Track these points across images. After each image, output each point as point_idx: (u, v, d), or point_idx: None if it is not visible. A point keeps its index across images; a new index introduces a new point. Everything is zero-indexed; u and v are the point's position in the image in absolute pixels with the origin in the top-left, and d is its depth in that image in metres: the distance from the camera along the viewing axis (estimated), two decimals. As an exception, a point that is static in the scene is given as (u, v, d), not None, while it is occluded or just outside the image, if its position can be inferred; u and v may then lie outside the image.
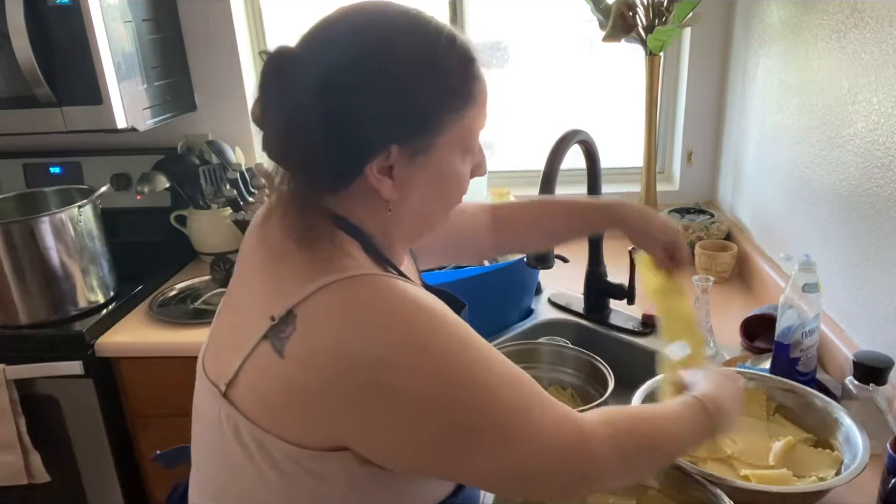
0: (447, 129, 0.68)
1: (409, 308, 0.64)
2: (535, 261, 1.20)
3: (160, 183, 1.79)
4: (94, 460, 1.56)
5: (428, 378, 0.62)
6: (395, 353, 0.61)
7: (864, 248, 1.13)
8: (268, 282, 0.70)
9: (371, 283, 0.65)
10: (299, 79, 0.64)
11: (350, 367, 0.61)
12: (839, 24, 1.18)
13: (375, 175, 0.67)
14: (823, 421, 0.97)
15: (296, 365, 0.63)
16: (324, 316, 0.63)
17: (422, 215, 0.74)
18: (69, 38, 1.44)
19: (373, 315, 0.63)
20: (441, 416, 0.63)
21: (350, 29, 0.67)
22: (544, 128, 2.08)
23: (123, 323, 1.56)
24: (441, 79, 0.67)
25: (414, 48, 0.66)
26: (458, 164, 0.72)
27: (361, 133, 0.65)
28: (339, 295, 0.64)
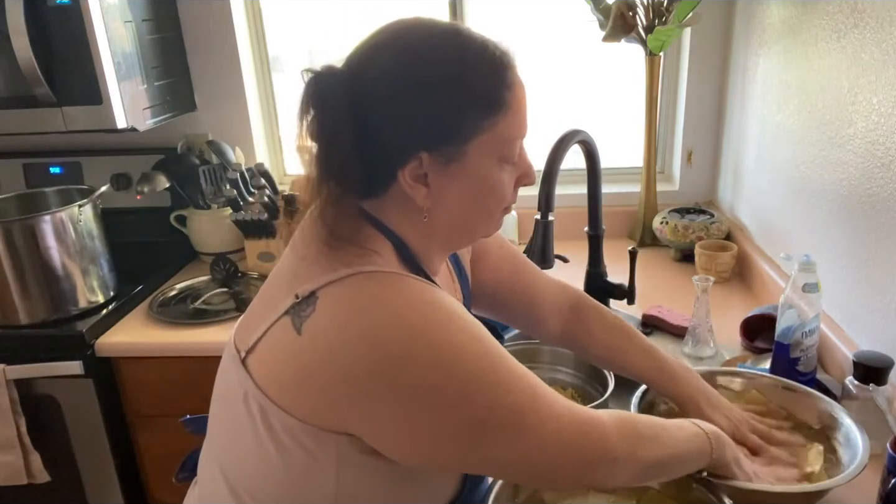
0: (477, 137, 0.70)
1: (424, 305, 0.66)
2: (535, 261, 1.20)
3: (160, 183, 1.79)
4: (94, 460, 1.56)
5: (438, 373, 0.64)
6: (406, 347, 0.63)
7: (864, 248, 1.13)
8: (299, 262, 0.73)
9: (392, 280, 0.68)
10: (336, 93, 0.68)
11: (361, 357, 0.63)
12: (839, 24, 1.18)
13: (409, 182, 0.69)
14: (823, 421, 0.97)
15: (310, 345, 0.66)
16: (342, 303, 0.66)
17: (460, 223, 0.75)
18: (69, 38, 1.44)
19: (388, 309, 0.65)
20: (450, 411, 0.64)
21: (383, 43, 0.70)
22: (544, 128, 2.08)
23: (123, 323, 1.56)
24: (468, 87, 0.69)
25: (441, 58, 0.68)
26: (495, 172, 0.73)
27: (391, 140, 0.68)
28: (360, 286, 0.67)
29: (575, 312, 1.05)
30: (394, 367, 0.63)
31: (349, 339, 0.64)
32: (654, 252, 1.82)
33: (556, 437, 0.68)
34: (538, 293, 1.04)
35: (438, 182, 0.70)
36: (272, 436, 0.68)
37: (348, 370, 0.64)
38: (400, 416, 0.65)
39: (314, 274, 0.68)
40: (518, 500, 0.86)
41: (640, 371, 1.00)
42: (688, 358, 1.28)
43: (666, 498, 0.87)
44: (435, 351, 0.64)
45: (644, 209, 1.86)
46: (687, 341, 1.31)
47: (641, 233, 1.87)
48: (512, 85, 0.72)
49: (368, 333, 0.64)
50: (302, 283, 0.68)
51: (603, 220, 1.40)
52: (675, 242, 1.74)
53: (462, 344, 0.66)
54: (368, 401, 0.64)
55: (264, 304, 0.74)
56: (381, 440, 0.67)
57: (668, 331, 1.38)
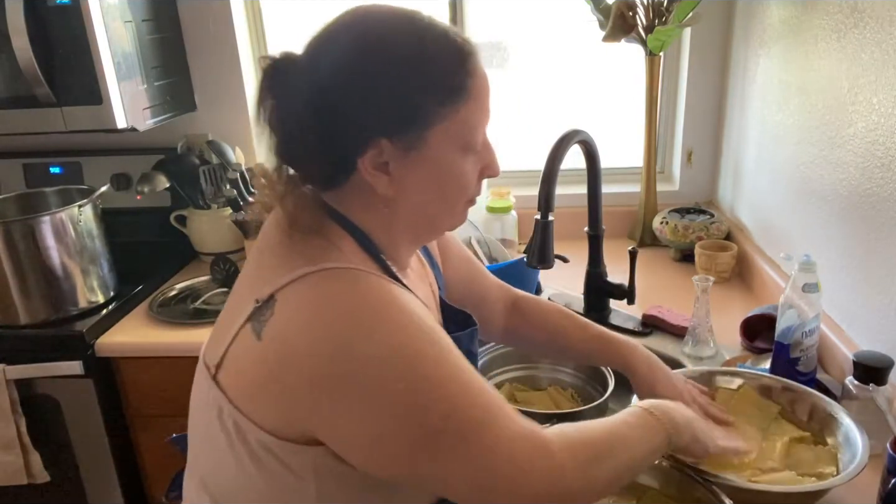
0: (438, 124, 0.68)
1: (383, 305, 0.65)
2: (535, 261, 1.20)
3: (160, 183, 1.79)
4: (94, 460, 1.56)
5: (395, 375, 0.62)
6: (363, 347, 0.62)
7: (864, 248, 1.13)
8: (260, 268, 0.72)
9: (350, 277, 0.66)
10: (294, 80, 0.67)
11: (319, 358, 0.62)
12: (839, 24, 1.18)
13: (369, 170, 0.68)
14: (823, 421, 0.97)
15: (270, 348, 0.65)
16: (299, 303, 0.65)
17: (423, 214, 0.74)
18: (69, 38, 1.43)
19: (346, 308, 0.64)
20: (406, 416, 0.63)
21: (341, 29, 0.69)
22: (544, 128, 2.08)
23: (123, 323, 1.56)
24: (428, 73, 0.67)
25: (399, 42, 0.67)
26: (458, 160, 0.72)
27: (349, 127, 0.67)
28: (317, 285, 0.66)
29: (515, 306, 1.08)
30: (351, 368, 0.62)
31: (307, 340, 0.63)
32: (654, 252, 1.82)
33: (507, 459, 0.65)
34: (487, 293, 1.06)
35: (400, 171, 0.69)
36: (249, 451, 0.68)
37: (307, 371, 0.63)
38: (357, 418, 0.63)
39: (273, 275, 0.67)
40: None
41: (582, 347, 1.03)
42: (688, 358, 1.28)
43: (666, 498, 0.87)
44: (392, 352, 0.62)
45: (644, 209, 1.86)
46: (687, 341, 1.31)
47: (641, 233, 1.87)
48: (473, 72, 0.70)
49: (325, 334, 0.63)
50: (261, 287, 0.67)
51: (603, 220, 1.40)
52: (675, 242, 1.74)
53: (421, 349, 0.64)
54: (328, 402, 0.63)
55: (229, 313, 0.73)
56: (342, 445, 0.66)
57: (668, 331, 1.38)
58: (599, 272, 1.43)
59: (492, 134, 0.76)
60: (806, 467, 0.91)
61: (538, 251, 1.19)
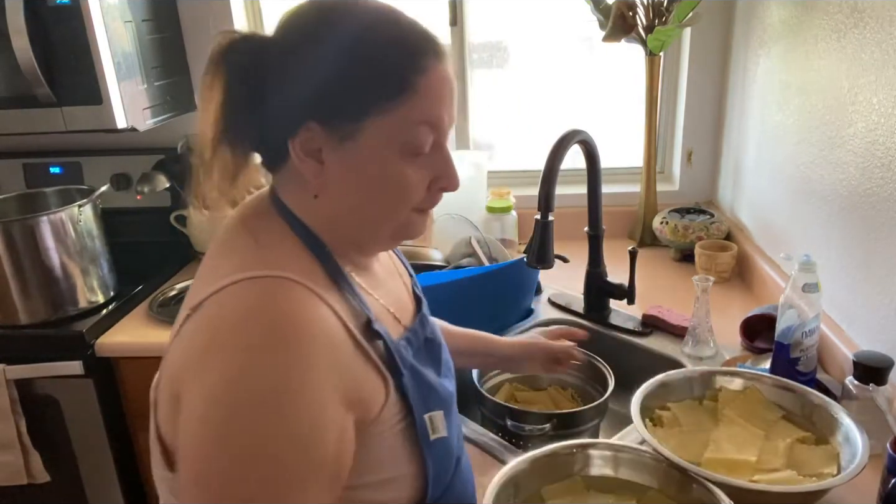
0: (375, 117, 0.64)
1: (276, 336, 0.59)
2: (535, 261, 1.20)
3: (160, 183, 1.79)
4: (94, 460, 1.56)
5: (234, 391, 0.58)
6: (221, 356, 0.59)
7: (864, 248, 1.13)
8: (210, 264, 0.70)
9: (262, 291, 0.62)
10: (237, 54, 0.66)
11: (187, 364, 0.62)
12: (839, 24, 1.18)
13: (300, 154, 0.66)
14: (823, 421, 0.97)
15: (176, 347, 0.66)
16: (202, 322, 0.63)
17: (356, 214, 0.70)
18: (69, 38, 1.43)
19: (230, 325, 0.61)
20: (209, 443, 0.58)
21: (298, 13, 0.68)
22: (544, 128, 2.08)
23: (123, 323, 1.56)
24: (371, 61, 0.64)
25: (348, 27, 0.64)
26: (396, 162, 0.66)
27: (282, 105, 0.65)
28: (229, 299, 0.62)
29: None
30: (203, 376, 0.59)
31: (186, 349, 0.63)
32: (654, 252, 1.82)
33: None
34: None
35: (333, 161, 0.66)
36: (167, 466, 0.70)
37: (177, 376, 0.63)
38: (190, 423, 0.59)
39: (207, 282, 0.65)
40: (517, 500, 0.86)
41: (465, 344, 1.12)
42: (688, 358, 1.28)
43: (666, 498, 0.87)
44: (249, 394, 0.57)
45: (644, 209, 1.86)
46: (687, 341, 1.31)
47: (641, 233, 1.87)
48: (426, 71, 0.65)
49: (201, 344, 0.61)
50: (198, 294, 0.65)
51: (603, 220, 1.40)
52: (675, 242, 1.74)
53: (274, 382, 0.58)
54: (180, 405, 0.62)
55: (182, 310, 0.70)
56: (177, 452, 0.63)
57: (668, 331, 1.38)
58: (599, 272, 1.43)
59: (450, 145, 0.72)
60: (806, 467, 0.91)
61: (538, 251, 1.19)
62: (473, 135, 2.06)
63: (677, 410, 1.02)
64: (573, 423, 1.11)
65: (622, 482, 0.90)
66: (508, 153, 2.13)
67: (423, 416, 0.72)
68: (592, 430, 1.15)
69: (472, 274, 1.35)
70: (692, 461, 0.88)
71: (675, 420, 1.01)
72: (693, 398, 1.05)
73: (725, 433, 0.97)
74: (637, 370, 1.20)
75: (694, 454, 0.93)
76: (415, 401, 0.71)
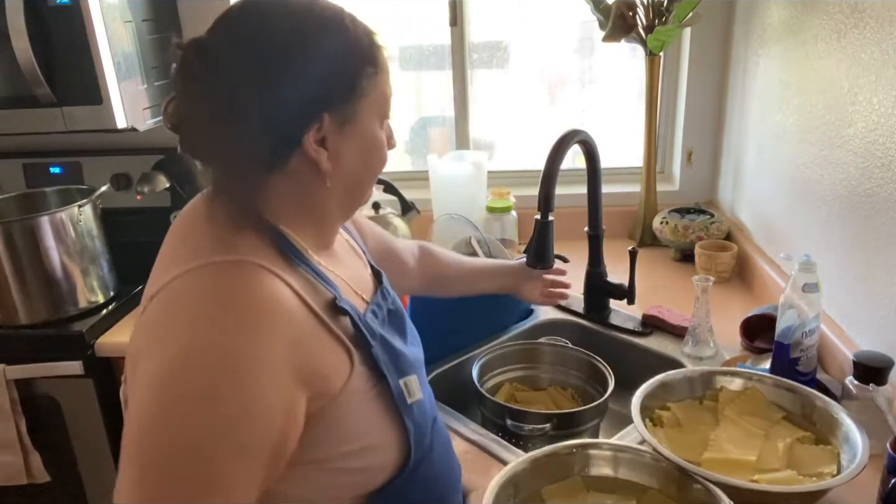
0: (366, 96, 0.71)
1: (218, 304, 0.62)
2: (534, 260, 1.20)
3: (160, 183, 1.79)
4: (94, 460, 1.56)
5: (182, 373, 0.59)
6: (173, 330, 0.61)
7: (863, 248, 1.13)
8: (169, 255, 0.74)
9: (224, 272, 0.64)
10: (220, 65, 0.66)
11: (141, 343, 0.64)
12: (839, 24, 1.18)
13: (312, 146, 0.69)
14: (823, 421, 0.97)
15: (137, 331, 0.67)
16: (165, 301, 0.65)
17: (355, 185, 0.76)
18: (69, 38, 1.43)
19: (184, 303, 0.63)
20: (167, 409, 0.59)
21: (260, 12, 0.69)
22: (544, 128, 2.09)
23: (123, 323, 1.56)
24: (356, 47, 0.70)
25: (327, 22, 0.69)
26: (377, 131, 0.75)
27: (295, 103, 0.67)
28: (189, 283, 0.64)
29: (422, 252, 1.21)
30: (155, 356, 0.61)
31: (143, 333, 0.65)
32: (654, 252, 1.82)
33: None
34: (399, 252, 1.15)
35: (335, 144, 0.70)
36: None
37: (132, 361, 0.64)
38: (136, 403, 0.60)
39: (166, 270, 0.68)
40: (517, 500, 0.86)
41: (480, 270, 1.27)
42: (688, 358, 1.28)
43: (666, 498, 0.87)
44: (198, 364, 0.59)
45: (644, 209, 1.86)
46: (687, 341, 1.31)
47: (641, 233, 1.87)
48: (382, 48, 0.74)
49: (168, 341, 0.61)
50: (157, 282, 0.68)
51: (603, 220, 1.40)
52: (675, 242, 1.74)
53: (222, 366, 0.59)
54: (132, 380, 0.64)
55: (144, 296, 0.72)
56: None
57: (668, 331, 1.38)
58: (599, 272, 1.43)
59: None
60: (806, 467, 0.91)
61: (538, 251, 1.19)
62: (473, 135, 2.06)
63: (677, 410, 1.02)
64: (573, 423, 1.11)
65: (622, 482, 0.90)
66: (508, 153, 2.13)
67: (398, 381, 0.76)
68: (592, 430, 1.15)
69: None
70: (692, 461, 0.88)
71: (675, 420, 1.01)
72: (693, 398, 1.05)
73: (725, 433, 0.97)
74: (637, 370, 1.20)
75: (694, 454, 0.93)
76: (387, 368, 0.74)
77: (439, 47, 1.99)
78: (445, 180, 1.81)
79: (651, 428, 0.98)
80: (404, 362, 0.79)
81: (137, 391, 0.61)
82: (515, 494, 0.86)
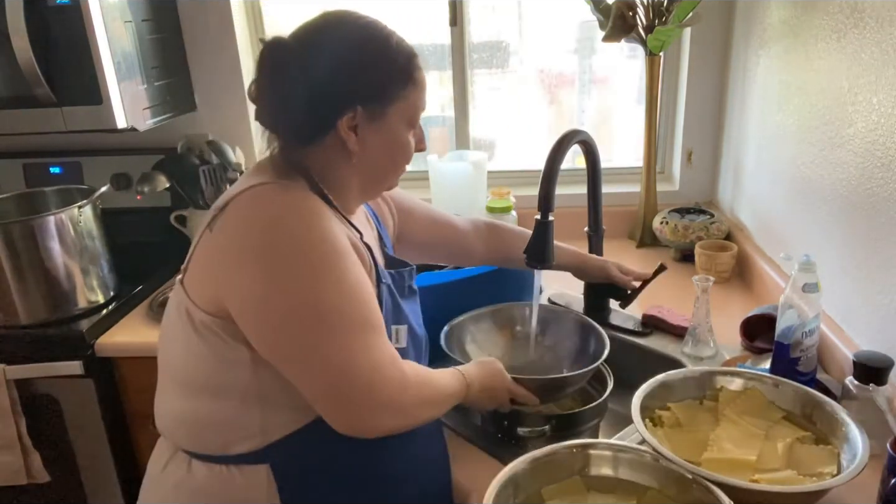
0: (397, 102, 0.90)
1: (304, 210, 0.82)
2: (534, 260, 1.20)
3: (160, 183, 1.79)
4: (94, 460, 1.56)
5: (301, 259, 0.79)
6: (275, 233, 0.79)
7: (863, 248, 1.13)
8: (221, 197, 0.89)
9: (286, 190, 0.83)
10: (290, 59, 0.85)
11: (247, 229, 0.80)
12: (839, 24, 1.18)
13: (345, 129, 0.88)
14: (823, 421, 0.97)
15: (214, 236, 0.83)
16: (242, 202, 0.82)
17: (376, 171, 0.95)
18: (69, 38, 1.44)
19: (281, 202, 0.81)
20: (295, 291, 0.78)
21: (327, 25, 0.90)
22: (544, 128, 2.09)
23: (123, 323, 1.56)
24: (393, 62, 0.90)
25: (371, 39, 0.89)
26: (404, 132, 0.93)
27: (336, 95, 0.87)
28: (260, 191, 0.82)
29: (489, 230, 1.32)
30: (267, 240, 0.79)
31: (238, 224, 0.81)
32: (654, 252, 1.82)
33: (370, 367, 0.80)
34: (459, 230, 1.29)
35: (365, 133, 0.89)
36: (194, 329, 0.84)
37: (235, 241, 0.81)
38: (251, 279, 0.79)
39: (230, 192, 0.85)
40: (517, 500, 0.86)
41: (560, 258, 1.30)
42: (688, 358, 1.28)
43: (666, 498, 0.87)
44: (300, 243, 0.79)
45: (644, 209, 1.86)
46: (687, 341, 1.31)
47: (641, 233, 1.87)
48: (419, 68, 0.92)
49: (253, 219, 0.81)
50: (220, 202, 0.85)
51: (603, 220, 1.40)
52: (675, 242, 1.74)
53: (331, 250, 0.81)
54: (239, 265, 0.80)
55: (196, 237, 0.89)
56: (236, 308, 0.81)
57: (668, 331, 1.38)
58: (599, 272, 1.43)
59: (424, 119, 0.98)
60: (806, 467, 0.91)
61: (538, 251, 1.19)
62: (473, 135, 2.06)
63: (677, 410, 1.02)
64: (573, 424, 1.11)
65: (622, 482, 0.90)
66: (508, 153, 2.13)
67: (391, 326, 0.93)
68: (592, 430, 1.15)
69: (472, 274, 1.35)
70: (692, 461, 0.88)
71: (675, 420, 1.01)
72: (693, 398, 1.05)
73: (725, 433, 0.97)
74: (637, 370, 1.20)
75: (694, 454, 0.93)
76: (386, 309, 0.92)
77: (439, 47, 1.99)
78: (445, 180, 1.81)
79: (651, 428, 0.98)
80: (403, 316, 0.97)
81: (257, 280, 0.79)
82: (515, 494, 0.86)
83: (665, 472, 0.87)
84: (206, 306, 0.83)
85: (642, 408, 0.97)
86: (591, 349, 1.22)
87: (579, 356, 1.24)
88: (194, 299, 0.85)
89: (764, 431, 0.97)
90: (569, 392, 1.17)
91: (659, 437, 0.94)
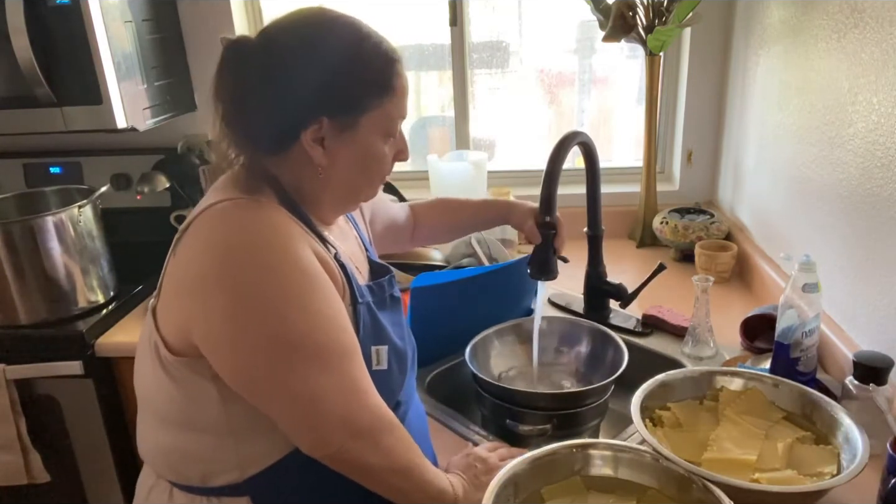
0: (369, 112, 0.82)
1: (269, 228, 0.76)
2: (538, 272, 1.21)
3: (160, 183, 1.79)
4: (94, 460, 1.56)
5: (271, 284, 0.74)
6: (248, 255, 0.74)
7: (863, 248, 1.13)
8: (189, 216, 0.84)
9: (253, 205, 0.78)
10: (249, 61, 0.79)
11: (205, 262, 0.75)
12: (839, 24, 1.18)
13: (309, 142, 0.81)
14: (823, 421, 0.97)
15: (177, 261, 0.79)
16: (204, 222, 0.77)
17: (347, 186, 0.87)
18: (69, 38, 1.43)
19: (242, 224, 0.76)
20: (266, 322, 0.74)
21: (295, 25, 0.82)
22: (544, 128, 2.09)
23: (123, 323, 1.56)
24: (364, 69, 0.81)
25: (344, 42, 0.81)
26: (379, 144, 0.86)
27: (298, 105, 0.80)
28: (223, 209, 0.77)
29: (413, 213, 1.30)
30: (231, 269, 0.73)
31: (198, 247, 0.76)
32: (654, 252, 1.82)
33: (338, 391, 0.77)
34: (399, 221, 1.26)
35: (334, 146, 0.82)
36: (162, 366, 0.80)
37: (197, 269, 0.75)
38: (222, 315, 0.73)
39: (196, 209, 0.80)
40: (517, 500, 0.86)
41: (470, 225, 1.33)
42: (688, 358, 1.28)
43: (666, 498, 0.87)
44: (265, 269, 0.74)
45: (644, 209, 1.86)
46: (687, 341, 1.31)
47: (641, 233, 1.87)
48: (399, 75, 0.84)
49: (214, 243, 0.75)
50: (186, 221, 0.80)
51: (603, 220, 1.40)
52: (675, 242, 1.74)
53: (298, 273, 0.75)
54: (204, 298, 0.74)
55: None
56: (208, 345, 0.75)
57: (668, 331, 1.38)
58: (599, 272, 1.43)
59: (405, 126, 0.91)
60: (806, 467, 0.91)
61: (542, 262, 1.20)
62: (473, 135, 2.06)
63: (677, 410, 1.02)
64: (573, 423, 1.11)
65: (622, 482, 0.90)
66: (508, 153, 2.13)
67: (370, 347, 0.86)
68: (592, 430, 1.15)
69: (472, 274, 1.35)
70: (692, 461, 0.88)
71: (675, 420, 1.01)
72: (693, 398, 1.05)
73: (725, 433, 0.97)
74: (637, 370, 1.20)
75: (694, 454, 0.93)
76: (364, 330, 0.86)
77: (439, 47, 1.99)
78: (445, 180, 1.81)
79: (651, 428, 0.98)
80: (383, 334, 0.90)
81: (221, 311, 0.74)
82: (515, 494, 0.86)
83: (665, 472, 0.87)
84: (173, 339, 0.79)
85: (642, 408, 0.97)
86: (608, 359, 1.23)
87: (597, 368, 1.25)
88: (163, 330, 0.80)
89: (764, 431, 0.97)
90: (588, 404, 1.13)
91: (659, 437, 0.94)
